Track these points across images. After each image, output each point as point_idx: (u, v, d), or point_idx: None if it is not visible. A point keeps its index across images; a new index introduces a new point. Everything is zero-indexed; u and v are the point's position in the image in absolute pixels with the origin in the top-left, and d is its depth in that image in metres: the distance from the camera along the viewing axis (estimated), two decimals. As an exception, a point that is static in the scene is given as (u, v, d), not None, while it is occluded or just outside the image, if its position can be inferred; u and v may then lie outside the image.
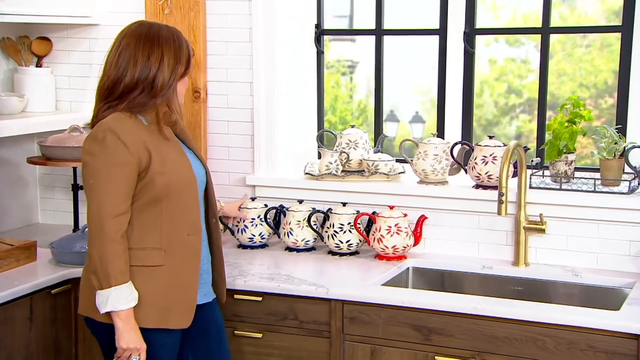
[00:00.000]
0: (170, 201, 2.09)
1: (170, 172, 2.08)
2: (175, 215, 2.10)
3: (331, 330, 2.43)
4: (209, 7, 2.97)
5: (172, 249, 2.10)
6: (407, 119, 4.11)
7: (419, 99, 3.96)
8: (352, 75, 4.06)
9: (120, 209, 2.02)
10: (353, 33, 3.30)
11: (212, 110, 3.06)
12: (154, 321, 2.08)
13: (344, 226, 2.78)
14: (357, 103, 4.05)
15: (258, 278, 2.54)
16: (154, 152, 2.06)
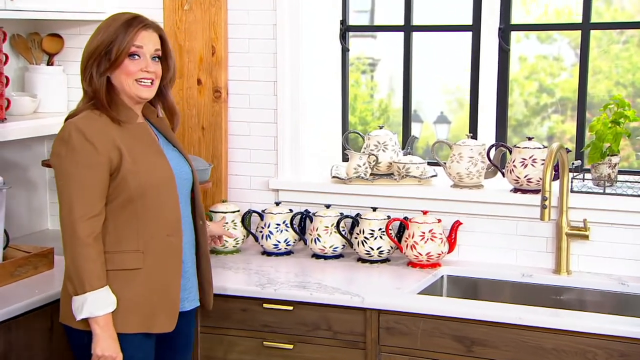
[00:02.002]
0: (146, 201, 2.10)
1: (144, 171, 2.09)
2: (153, 215, 2.10)
3: (366, 341, 2.44)
4: (231, 3, 2.99)
5: (150, 250, 2.10)
6: (432, 119, 4.13)
7: (444, 98, 3.98)
8: (373, 74, 4.08)
9: (92, 211, 2.03)
10: (380, 29, 3.32)
11: (233, 111, 3.06)
12: (136, 326, 2.09)
13: (374, 232, 2.79)
14: (378, 102, 4.07)
15: (288, 286, 2.55)
16: (125, 151, 2.07)
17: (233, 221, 2.93)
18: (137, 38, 2.09)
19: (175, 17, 3.02)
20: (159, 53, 2.15)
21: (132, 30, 2.09)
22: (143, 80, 2.11)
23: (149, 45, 2.11)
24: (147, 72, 2.10)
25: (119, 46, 2.06)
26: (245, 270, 2.75)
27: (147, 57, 2.11)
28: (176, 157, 2.21)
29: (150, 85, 2.12)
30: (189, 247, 2.22)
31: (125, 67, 2.09)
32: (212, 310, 2.58)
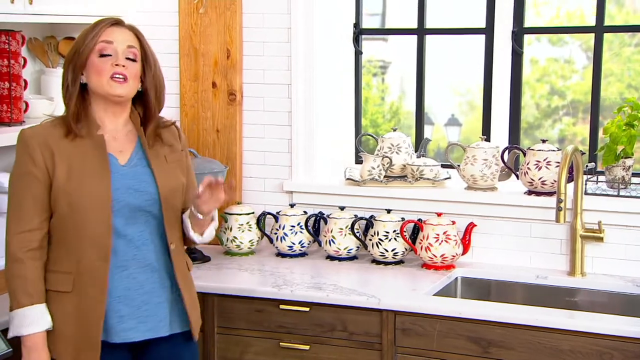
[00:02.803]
0: (77, 221, 1.97)
1: (76, 190, 1.96)
2: (83, 236, 1.97)
3: (382, 342, 2.45)
4: (246, 6, 3.00)
5: (80, 274, 1.98)
6: (442, 121, 4.14)
7: (455, 100, 3.99)
8: (384, 76, 4.09)
9: (26, 225, 1.95)
10: (394, 32, 3.33)
11: (248, 113, 3.08)
12: (64, 354, 1.98)
13: (389, 234, 2.80)
14: (389, 105, 4.08)
15: (305, 287, 2.56)
16: (60, 164, 1.96)
17: (248, 223, 2.94)
18: (105, 33, 2.00)
19: (191, 21, 3.04)
20: (134, 51, 2.01)
21: (99, 27, 2.01)
22: (116, 75, 1.97)
23: (119, 41, 2.00)
24: (118, 65, 1.96)
25: (86, 44, 1.98)
26: (260, 272, 2.76)
27: (119, 52, 1.99)
28: (141, 175, 2.03)
29: (122, 80, 1.97)
30: (157, 272, 2.04)
31: (95, 65, 1.97)
32: (228, 312, 2.60)
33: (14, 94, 2.66)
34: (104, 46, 1.98)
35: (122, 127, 2.06)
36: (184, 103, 3.09)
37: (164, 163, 2.07)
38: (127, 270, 2.01)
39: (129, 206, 2.00)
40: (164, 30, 3.07)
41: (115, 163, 2.02)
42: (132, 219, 2.01)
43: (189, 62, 3.06)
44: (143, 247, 2.03)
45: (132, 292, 2.02)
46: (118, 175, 2.00)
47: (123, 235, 2.00)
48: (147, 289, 2.03)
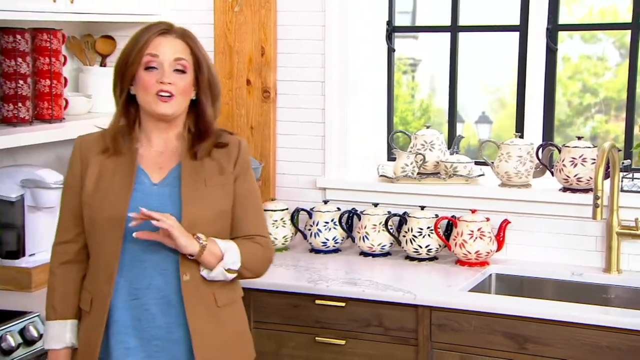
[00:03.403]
0: (94, 238, 1.87)
1: (96, 204, 1.85)
2: (98, 255, 1.88)
3: (418, 338, 2.45)
4: (281, 4, 3.02)
5: (94, 295, 1.88)
6: (473, 119, 4.13)
7: (485, 98, 3.98)
8: (414, 74, 4.09)
9: (64, 237, 1.91)
10: (426, 30, 3.33)
11: (281, 111, 3.09)
12: None
13: (423, 230, 2.80)
14: (419, 102, 4.08)
15: (340, 283, 2.57)
16: (90, 176, 1.87)
17: (282, 219, 2.96)
18: (151, 45, 1.83)
19: (226, 19, 3.06)
20: (183, 63, 1.85)
21: (146, 37, 1.84)
22: (160, 93, 1.82)
23: (166, 53, 1.83)
24: (163, 83, 1.81)
25: (133, 57, 1.83)
26: (295, 267, 2.78)
27: (165, 67, 1.83)
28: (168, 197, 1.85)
29: (168, 98, 1.82)
30: (175, 307, 1.84)
31: (141, 79, 1.83)
32: (264, 306, 2.62)
33: (54, 91, 2.70)
34: (150, 59, 1.83)
35: (172, 141, 1.90)
36: (219, 100, 3.11)
37: (201, 186, 1.87)
38: (139, 300, 1.84)
39: (149, 229, 1.81)
40: (199, 28, 3.04)
41: (146, 181, 1.87)
42: (150, 244, 1.83)
43: (224, 59, 3.09)
44: (160, 277, 1.85)
45: (143, 324, 1.84)
46: (142, 195, 1.85)
47: (139, 261, 1.84)
48: (161, 322, 1.85)
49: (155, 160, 1.89)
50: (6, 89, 2.57)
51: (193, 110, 1.91)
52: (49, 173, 2.58)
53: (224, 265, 1.85)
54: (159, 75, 1.82)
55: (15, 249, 2.52)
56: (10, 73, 2.56)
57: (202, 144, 1.88)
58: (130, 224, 1.80)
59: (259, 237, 1.94)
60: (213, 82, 1.91)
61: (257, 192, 1.99)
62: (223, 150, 1.92)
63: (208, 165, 1.90)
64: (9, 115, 2.58)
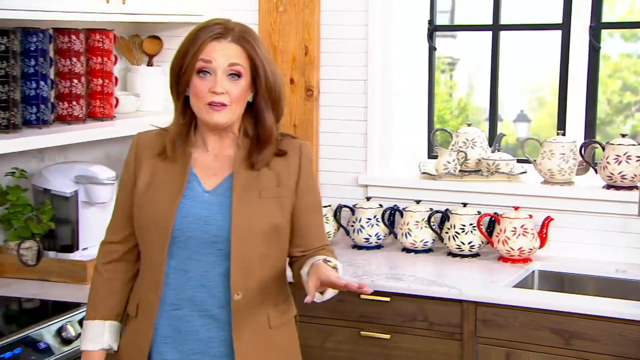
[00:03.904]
0: (143, 243, 1.76)
1: (145, 207, 1.74)
2: (145, 261, 1.77)
3: (463, 333, 2.46)
4: (324, 4, 3.04)
5: (141, 301, 1.77)
6: (510, 118, 4.11)
7: (524, 97, 3.97)
8: (452, 73, 4.09)
9: (113, 237, 1.81)
10: (468, 29, 3.32)
11: (324, 109, 3.11)
12: None
13: (465, 227, 2.81)
14: (457, 101, 4.07)
15: (384, 278, 2.59)
16: (143, 176, 1.76)
17: (325, 215, 2.98)
18: (205, 51, 1.69)
19: (270, 19, 3.09)
20: (237, 69, 1.70)
21: (200, 41, 1.70)
22: (213, 103, 1.69)
23: (220, 59, 1.69)
24: (215, 93, 1.68)
25: (187, 62, 1.70)
26: (340, 262, 2.79)
27: (218, 74, 1.69)
28: (219, 206, 1.72)
29: (221, 108, 1.69)
30: (217, 322, 1.72)
31: (194, 86, 1.70)
32: (310, 301, 2.64)
33: (106, 90, 2.75)
34: (203, 65, 1.70)
35: (228, 146, 1.77)
36: (263, 99, 3.15)
37: (255, 197, 1.72)
38: (180, 310, 1.73)
39: (195, 239, 1.71)
40: (244, 28, 3.13)
41: (198, 188, 1.75)
42: (197, 254, 1.71)
43: (268, 59, 3.11)
44: (203, 290, 1.72)
45: (184, 336, 1.73)
46: (193, 202, 1.73)
47: (184, 271, 1.72)
48: (202, 336, 1.73)
49: (210, 166, 1.76)
50: (61, 87, 2.62)
51: (250, 113, 1.76)
52: (102, 169, 2.63)
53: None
54: (212, 84, 1.69)
55: (69, 243, 2.58)
56: (65, 72, 2.62)
57: (261, 154, 1.74)
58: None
59: (329, 247, 1.83)
60: (272, 86, 1.74)
61: (319, 201, 1.84)
62: (282, 159, 1.76)
63: (265, 176, 1.74)
64: (63, 113, 2.64)
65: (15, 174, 2.55)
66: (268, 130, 1.74)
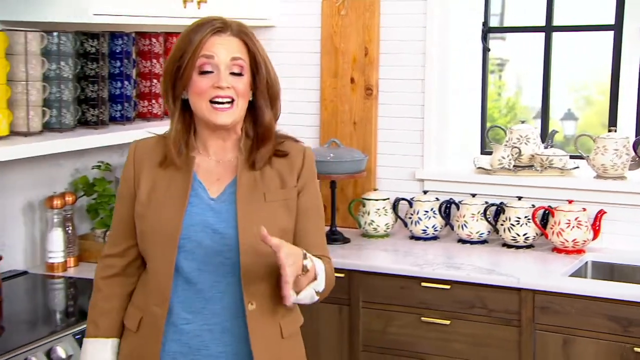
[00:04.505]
0: (148, 254, 1.61)
1: (149, 218, 1.59)
2: (150, 273, 1.62)
3: (521, 320, 2.47)
4: (384, 7, 3.07)
5: (145, 314, 1.61)
6: (558, 116, 4.09)
7: (570, 96, 3.94)
8: (501, 73, 4.09)
9: (112, 250, 1.66)
10: (521, 30, 3.32)
11: (383, 107, 3.14)
12: None
13: (520, 219, 2.81)
14: (506, 100, 4.07)
15: (445, 267, 2.61)
16: (144, 185, 1.61)
17: (384, 208, 3.01)
18: (206, 46, 1.54)
19: (332, 22, 3.13)
20: (240, 64, 1.56)
21: (199, 36, 1.55)
22: (217, 99, 1.54)
23: (222, 54, 1.55)
24: (220, 88, 1.53)
25: (186, 59, 1.55)
26: (398, 252, 2.83)
27: (221, 69, 1.54)
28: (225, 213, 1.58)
29: (227, 107, 1.55)
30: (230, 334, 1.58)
31: (195, 84, 1.55)
32: (372, 287, 2.68)
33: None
34: (204, 62, 1.55)
35: (230, 149, 1.63)
36: (324, 98, 3.19)
37: (259, 201, 1.59)
38: (190, 325, 1.58)
39: (203, 248, 1.57)
40: (307, 31, 3.18)
41: (203, 195, 1.60)
42: (206, 264, 1.57)
43: (330, 60, 3.16)
44: (214, 301, 1.58)
45: (193, 351, 1.58)
46: (199, 210, 1.58)
47: (193, 283, 1.58)
48: (213, 351, 1.58)
49: (213, 171, 1.61)
50: (142, 87, 2.70)
51: (250, 113, 1.62)
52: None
53: (315, 287, 1.55)
54: (215, 79, 1.54)
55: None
56: (145, 73, 2.70)
57: (260, 151, 1.60)
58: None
59: (326, 259, 1.64)
60: (271, 82, 1.61)
61: (321, 207, 1.68)
62: (284, 160, 1.63)
63: (268, 177, 1.61)
64: (143, 110, 2.72)
65: (101, 167, 2.64)
66: (267, 127, 1.61)
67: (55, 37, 2.35)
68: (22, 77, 2.26)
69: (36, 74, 2.29)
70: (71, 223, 2.56)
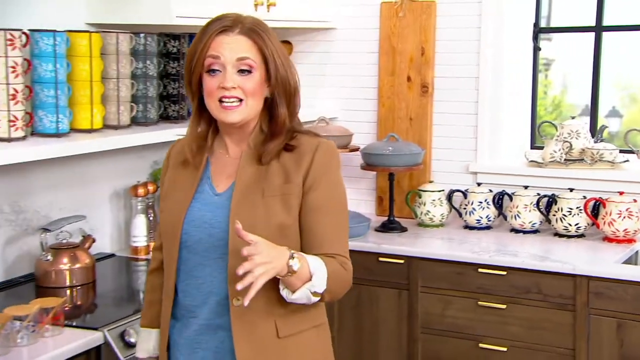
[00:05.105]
0: (164, 249, 1.60)
1: (162, 213, 1.59)
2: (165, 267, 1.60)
3: (576, 304, 2.48)
4: (440, 9, 3.10)
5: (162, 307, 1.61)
6: (602, 113, 4.06)
7: (617, 94, 3.91)
8: (547, 73, 4.08)
9: (156, 243, 1.67)
10: (570, 30, 3.31)
11: (438, 104, 3.17)
12: None
13: (572, 210, 2.82)
14: (552, 99, 4.06)
15: (501, 254, 2.63)
16: (166, 184, 1.60)
17: (439, 199, 3.04)
18: (212, 46, 1.48)
19: (390, 24, 3.17)
20: (247, 62, 1.48)
21: (207, 36, 1.49)
22: (224, 99, 1.48)
23: (227, 54, 1.47)
24: (225, 88, 1.46)
25: (195, 59, 1.50)
26: (453, 240, 2.85)
27: (228, 69, 1.47)
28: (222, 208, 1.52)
29: (236, 105, 1.48)
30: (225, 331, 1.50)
31: (205, 85, 1.50)
32: (430, 273, 2.71)
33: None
34: (211, 62, 1.49)
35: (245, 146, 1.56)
36: (382, 95, 3.23)
37: (257, 196, 1.50)
38: (195, 318, 1.54)
39: (202, 243, 1.52)
40: (366, 32, 3.23)
41: (208, 191, 1.55)
42: (207, 259, 1.52)
43: (387, 59, 3.20)
44: (213, 297, 1.51)
45: (194, 345, 1.54)
46: (201, 205, 1.54)
47: (194, 277, 1.53)
48: (213, 346, 1.52)
49: (226, 168, 1.55)
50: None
51: (267, 109, 1.55)
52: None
53: (310, 287, 1.45)
54: (222, 79, 1.48)
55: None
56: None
57: (268, 145, 1.52)
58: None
59: (340, 257, 1.51)
60: (286, 78, 1.52)
61: (339, 203, 1.55)
62: (293, 155, 1.53)
63: (272, 172, 1.52)
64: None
65: (180, 158, 2.72)
66: (280, 125, 1.53)
67: (142, 38, 2.44)
68: (113, 75, 2.35)
69: (126, 72, 2.38)
70: (152, 210, 2.65)
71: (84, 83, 2.27)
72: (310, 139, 1.55)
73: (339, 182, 1.56)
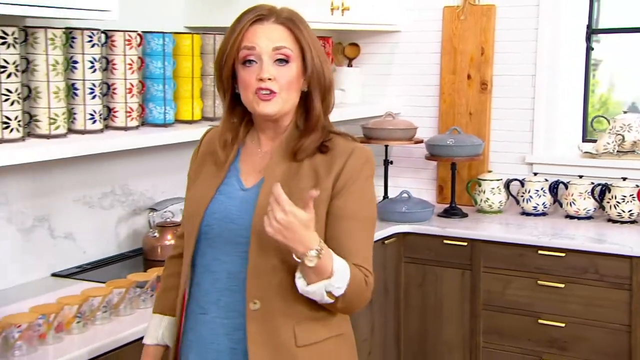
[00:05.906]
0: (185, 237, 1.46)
1: (187, 201, 1.46)
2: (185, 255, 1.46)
3: (632, 284, 2.50)
4: (500, 12, 3.15)
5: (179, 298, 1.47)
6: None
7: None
8: (595, 72, 4.08)
9: (180, 231, 1.53)
10: (623, 31, 3.32)
11: (496, 100, 3.22)
12: None
13: (625, 197, 2.84)
14: (599, 96, 4.06)
15: (559, 237, 2.67)
16: (192, 172, 1.48)
17: (498, 187, 3.09)
18: (246, 37, 1.34)
19: (452, 26, 3.23)
20: (284, 52, 1.34)
21: (240, 27, 1.34)
22: (261, 91, 1.34)
23: (263, 43, 1.33)
24: (262, 80, 1.33)
25: (229, 51, 1.35)
26: (511, 225, 2.90)
27: (264, 59, 1.34)
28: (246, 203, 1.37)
29: (269, 96, 1.34)
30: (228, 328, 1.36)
31: (240, 77, 1.36)
32: (492, 255, 2.76)
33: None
34: (246, 53, 1.35)
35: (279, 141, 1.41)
36: (443, 92, 3.30)
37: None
38: (207, 315, 1.38)
39: (221, 238, 1.37)
40: (429, 34, 3.30)
41: (235, 184, 1.41)
42: (225, 254, 1.37)
43: (449, 59, 3.26)
44: (228, 294, 1.36)
45: (207, 343, 1.38)
46: (225, 199, 1.39)
47: (211, 271, 1.38)
48: (224, 347, 1.36)
49: (257, 162, 1.41)
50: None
51: (302, 104, 1.40)
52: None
53: (327, 286, 1.27)
54: (258, 71, 1.34)
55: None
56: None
57: (303, 141, 1.36)
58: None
59: (364, 270, 1.33)
60: (322, 72, 1.37)
61: (368, 213, 1.37)
62: (326, 157, 1.37)
63: (303, 172, 1.36)
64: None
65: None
66: (314, 120, 1.37)
67: (235, 39, 2.55)
68: (210, 72, 2.47)
69: (221, 70, 2.50)
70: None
71: (186, 79, 2.40)
72: (346, 143, 1.38)
73: (370, 191, 1.38)
